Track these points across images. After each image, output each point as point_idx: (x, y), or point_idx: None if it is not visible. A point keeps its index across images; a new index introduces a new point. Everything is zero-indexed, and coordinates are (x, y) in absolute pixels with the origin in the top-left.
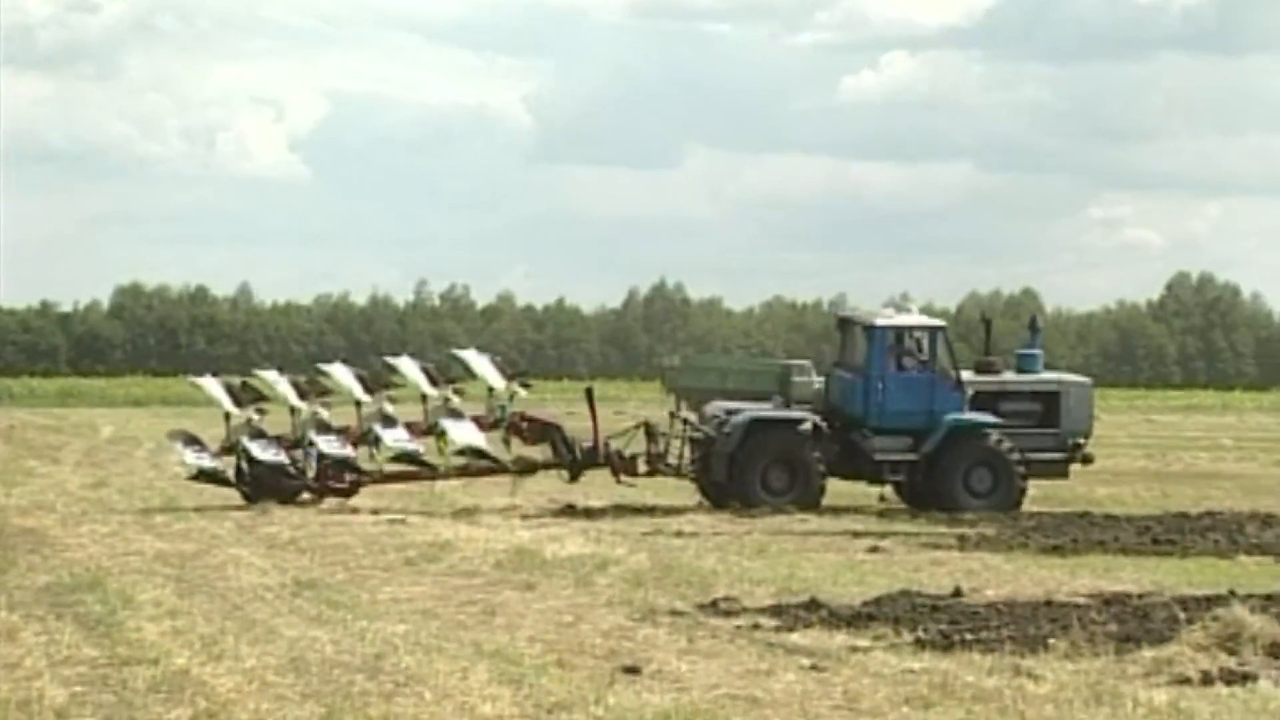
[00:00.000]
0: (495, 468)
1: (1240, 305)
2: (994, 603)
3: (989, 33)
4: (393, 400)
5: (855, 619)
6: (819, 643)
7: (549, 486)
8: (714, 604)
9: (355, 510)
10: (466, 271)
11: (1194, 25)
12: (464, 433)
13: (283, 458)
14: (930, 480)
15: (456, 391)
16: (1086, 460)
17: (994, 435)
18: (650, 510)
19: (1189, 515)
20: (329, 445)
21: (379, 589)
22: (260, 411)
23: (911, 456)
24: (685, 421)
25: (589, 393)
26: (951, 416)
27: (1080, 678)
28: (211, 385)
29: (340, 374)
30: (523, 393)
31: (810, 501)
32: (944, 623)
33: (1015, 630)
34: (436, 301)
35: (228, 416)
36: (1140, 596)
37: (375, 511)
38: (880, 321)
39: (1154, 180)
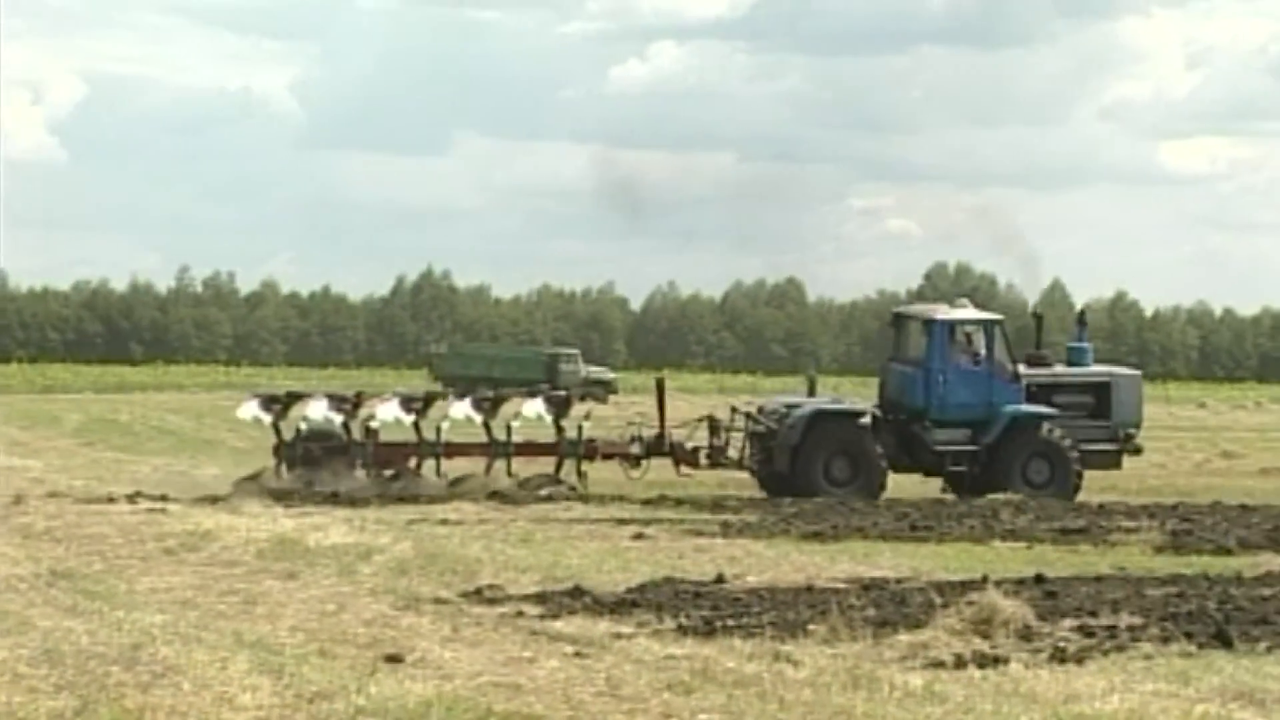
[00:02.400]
0: (555, 447)
1: (996, 295)
2: (755, 589)
3: (754, 24)
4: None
5: (619, 606)
6: (582, 630)
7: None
8: (478, 592)
9: (112, 499)
10: (230, 258)
11: (954, 19)
12: (534, 406)
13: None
14: (988, 471)
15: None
16: (1137, 451)
17: (1050, 426)
18: (415, 499)
19: (946, 501)
20: (388, 412)
21: (137, 579)
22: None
23: (972, 447)
24: (747, 415)
25: (659, 384)
26: (1010, 408)
27: (838, 662)
28: (252, 412)
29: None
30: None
31: (872, 492)
32: (706, 609)
33: (776, 616)
34: (199, 288)
35: (279, 433)
36: (898, 582)
37: (134, 499)
38: (940, 316)
39: (914, 171)
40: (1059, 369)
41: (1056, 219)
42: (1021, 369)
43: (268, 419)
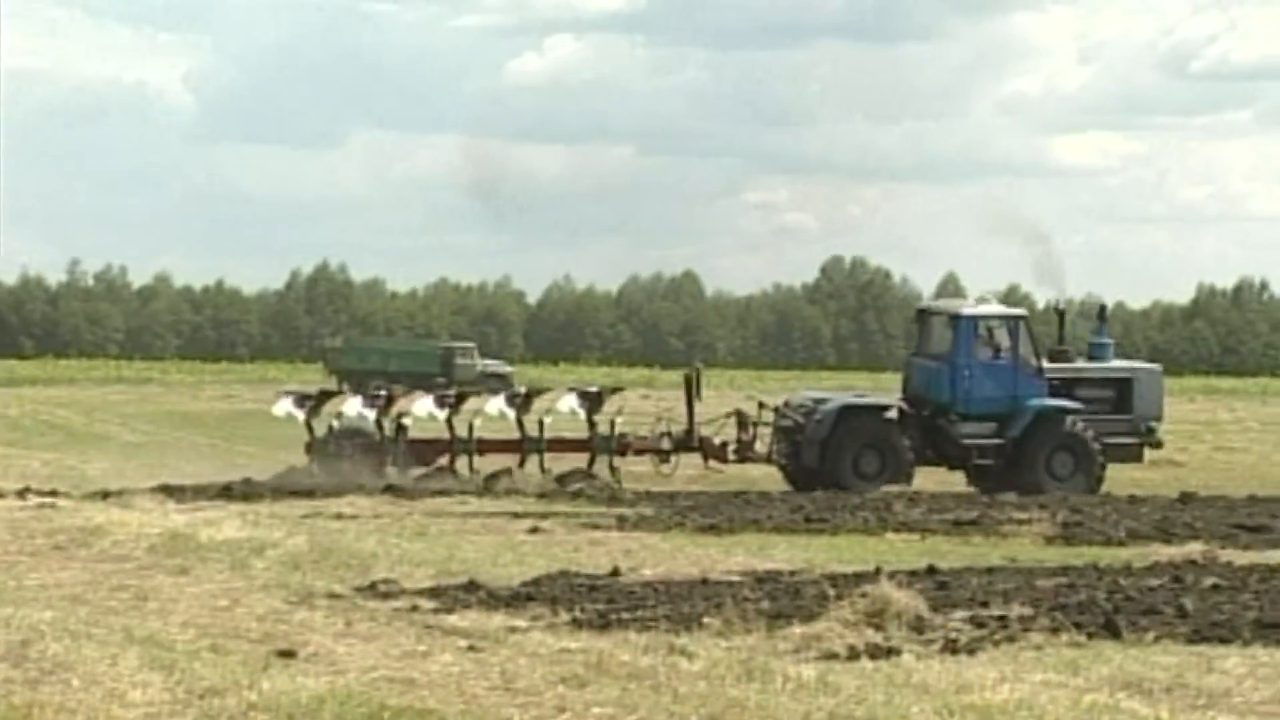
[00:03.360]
0: (588, 443)
1: (892, 288)
2: (650, 582)
3: (651, 17)
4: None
5: (513, 600)
6: (477, 624)
7: (202, 468)
8: (372, 586)
9: (1, 495)
10: (122, 251)
11: (851, 13)
12: (569, 402)
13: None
14: (1013, 464)
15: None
16: (1158, 444)
17: (1074, 420)
18: (310, 493)
19: (840, 494)
20: (422, 408)
21: (26, 575)
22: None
23: (998, 441)
24: (775, 410)
25: (688, 380)
26: (1035, 402)
27: (732, 654)
28: (286, 409)
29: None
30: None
31: (900, 485)
32: (601, 602)
33: (670, 609)
34: (90, 282)
35: (311, 430)
36: (792, 574)
37: (23, 495)
38: (966, 311)
39: (810, 165)
40: (1080, 364)
41: (952, 212)
42: (1044, 364)
43: (301, 416)
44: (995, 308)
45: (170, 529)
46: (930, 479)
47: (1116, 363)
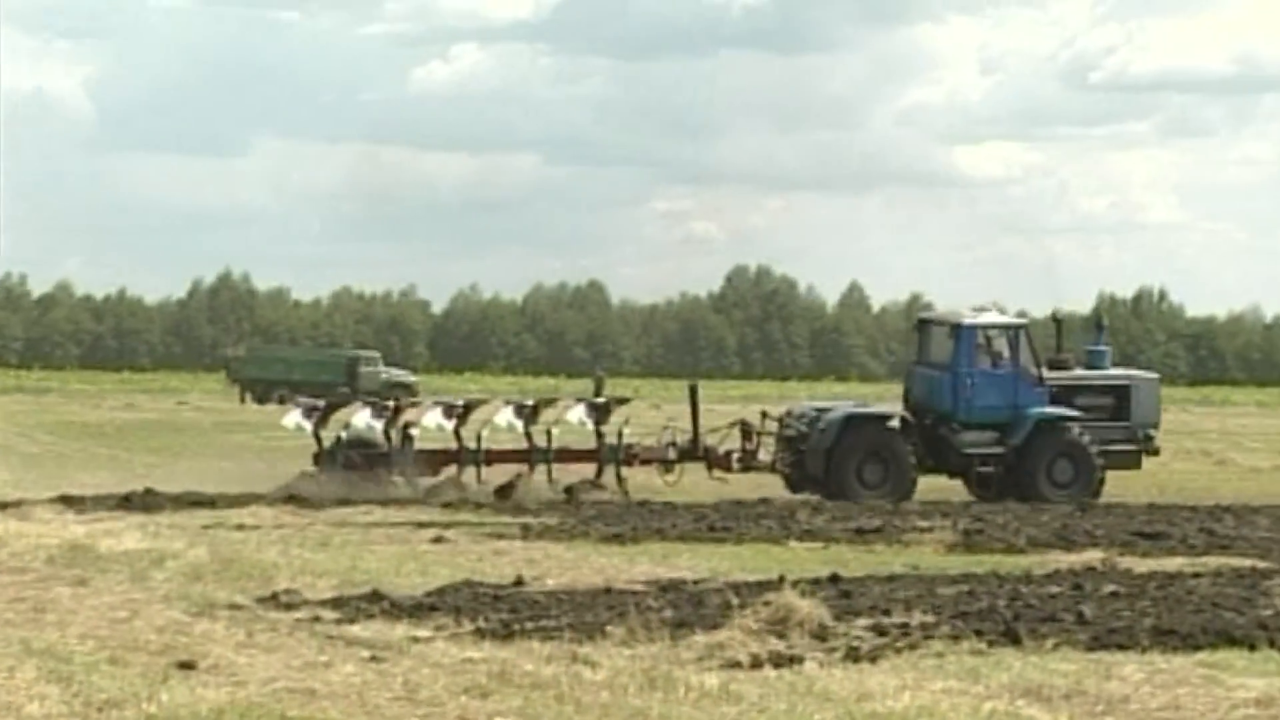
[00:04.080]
0: (595, 453)
1: (796, 298)
2: (554, 591)
3: (557, 27)
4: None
5: (417, 610)
6: (380, 634)
7: (103, 479)
8: (274, 597)
9: None
10: (22, 260)
11: (755, 24)
12: (578, 413)
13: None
14: (1014, 472)
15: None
16: (1155, 452)
17: (1074, 428)
18: (212, 503)
19: (744, 502)
20: (431, 419)
21: None
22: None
23: (999, 449)
24: (779, 420)
25: (693, 390)
26: (1036, 410)
27: (635, 663)
28: (295, 421)
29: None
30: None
31: (903, 494)
32: (505, 612)
33: (574, 618)
34: None
35: (319, 441)
36: (695, 583)
37: None
38: (968, 321)
39: (716, 175)
40: (1079, 372)
41: (855, 222)
42: (1044, 372)
43: (309, 427)
44: (996, 317)
45: (69, 540)
46: (929, 487)
47: (1114, 371)
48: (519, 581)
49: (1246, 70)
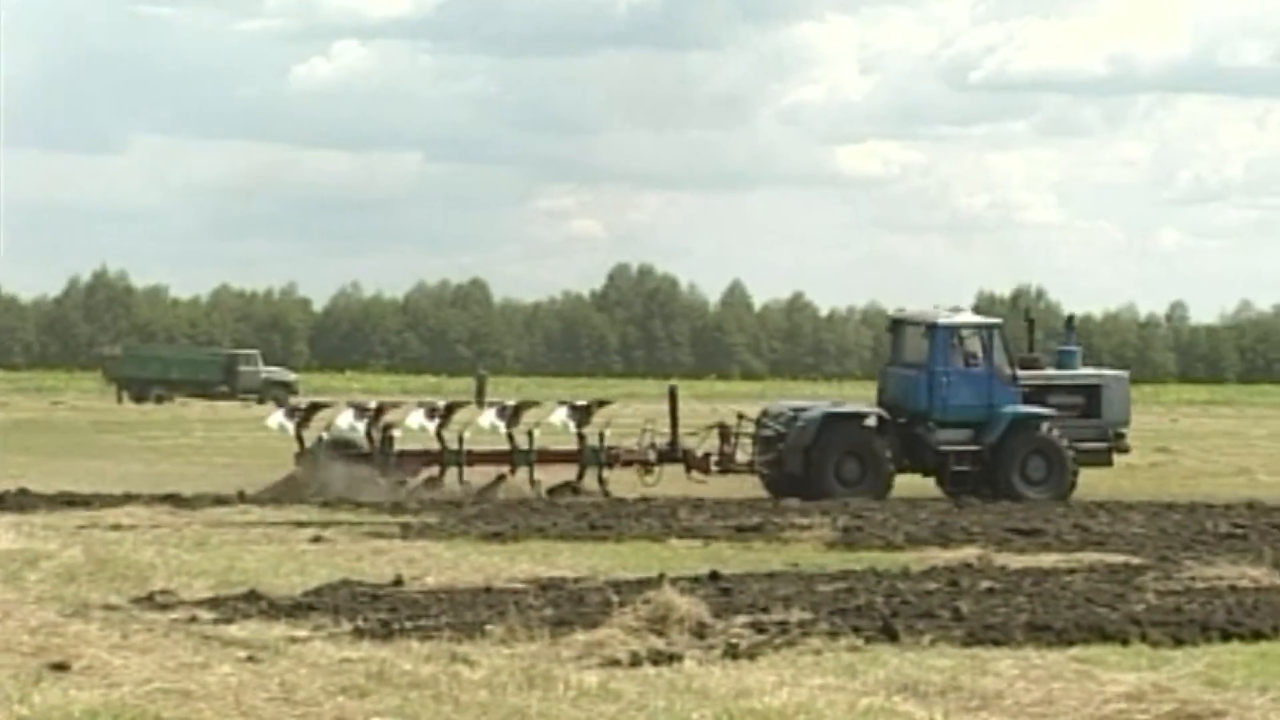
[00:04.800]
0: (577, 454)
1: (678, 296)
2: (434, 590)
3: (439, 24)
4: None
5: (295, 609)
6: (257, 634)
7: None
8: (150, 597)
9: None
10: None
11: (637, 22)
12: (560, 415)
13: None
14: (989, 470)
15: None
16: (1125, 450)
17: (1048, 427)
18: (87, 503)
19: (626, 501)
20: (415, 421)
21: None
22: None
23: (975, 447)
24: (756, 421)
25: (672, 392)
26: (1011, 409)
27: (515, 662)
28: (279, 421)
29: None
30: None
31: (880, 492)
32: (384, 611)
33: (454, 617)
34: None
35: (301, 442)
36: (576, 581)
37: None
38: (943, 320)
39: (598, 173)
40: (1050, 371)
41: (737, 220)
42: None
43: (291, 428)
44: (971, 317)
45: None
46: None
47: (1085, 370)
48: (398, 581)
49: (1122, 71)
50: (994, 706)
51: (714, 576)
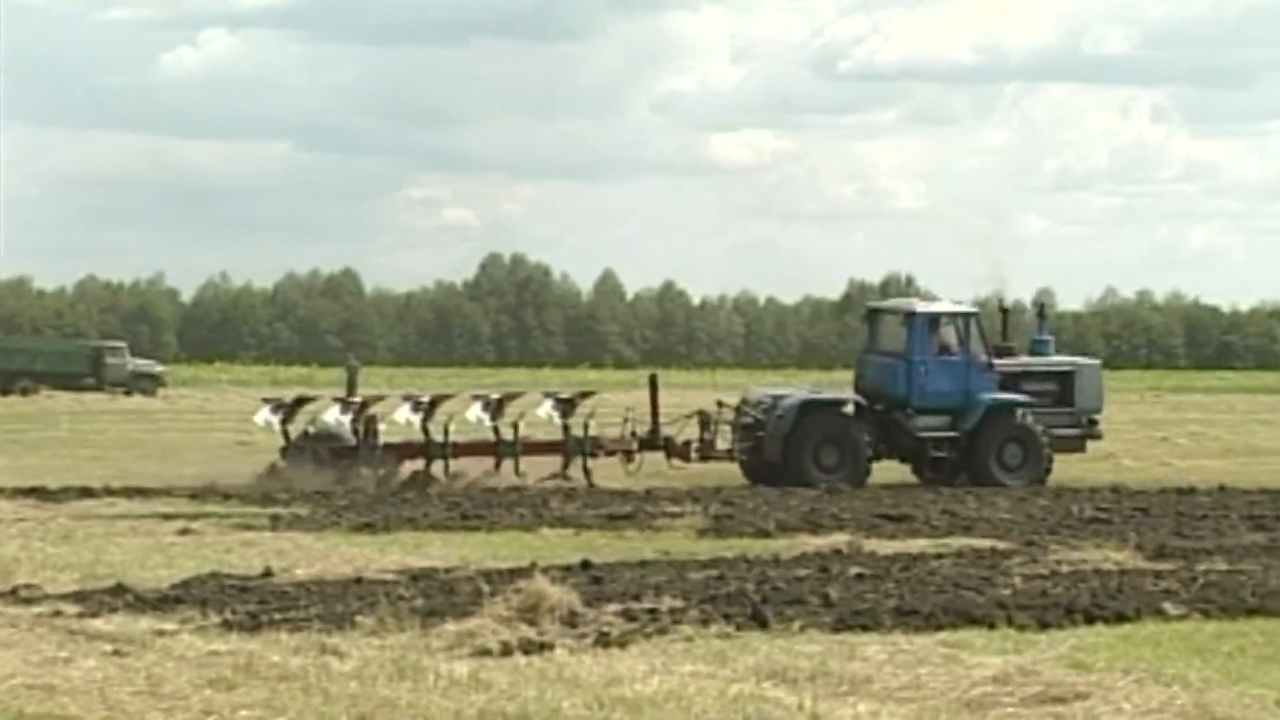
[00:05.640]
0: (562, 445)
1: (551, 285)
2: (303, 582)
3: (310, 13)
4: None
5: (161, 602)
6: (123, 628)
7: None
8: (13, 592)
9: None
10: None
11: (509, 12)
12: (544, 409)
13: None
14: (966, 457)
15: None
16: (1098, 436)
17: (1024, 413)
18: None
19: (497, 490)
20: (401, 415)
21: None
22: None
23: (953, 434)
24: (735, 409)
25: (652, 380)
26: (987, 396)
27: (385, 653)
28: (265, 417)
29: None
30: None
31: (858, 479)
32: (253, 603)
33: (324, 609)
34: None
35: (286, 437)
36: (447, 571)
37: None
38: (921, 308)
39: (471, 163)
40: (1024, 359)
41: (610, 209)
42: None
43: (276, 423)
44: (947, 305)
45: None
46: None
47: (1058, 358)
48: (267, 573)
49: (988, 60)
50: (862, 691)
51: (586, 565)
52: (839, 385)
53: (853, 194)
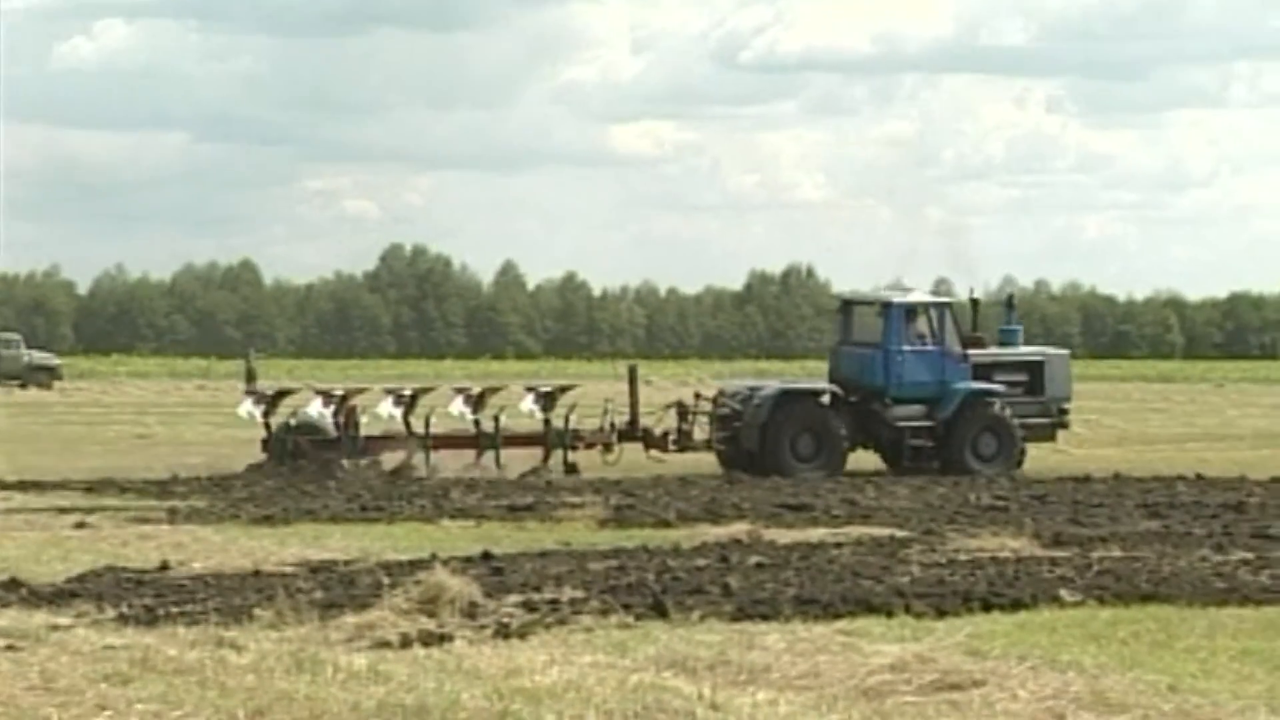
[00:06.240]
0: (542, 438)
1: (451, 276)
2: (201, 575)
3: (206, 3)
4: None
5: (57, 597)
6: (16, 622)
7: None
8: None
9: None
10: None
11: (409, 2)
12: (526, 403)
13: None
14: (941, 446)
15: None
16: (1066, 425)
17: (998, 403)
18: None
19: (398, 482)
20: (384, 409)
21: None
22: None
23: (929, 423)
24: (712, 400)
25: (631, 372)
26: (962, 385)
27: (283, 646)
28: (248, 409)
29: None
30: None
31: (835, 467)
32: (149, 597)
33: (221, 602)
34: None
35: (268, 428)
36: (346, 563)
37: None
38: (897, 299)
39: (370, 153)
40: (994, 349)
41: (510, 200)
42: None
43: (259, 415)
44: (922, 296)
45: None
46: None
47: (1027, 348)
48: (164, 566)
49: (887, 51)
50: (761, 680)
51: (486, 556)
52: (742, 374)
53: (754, 185)
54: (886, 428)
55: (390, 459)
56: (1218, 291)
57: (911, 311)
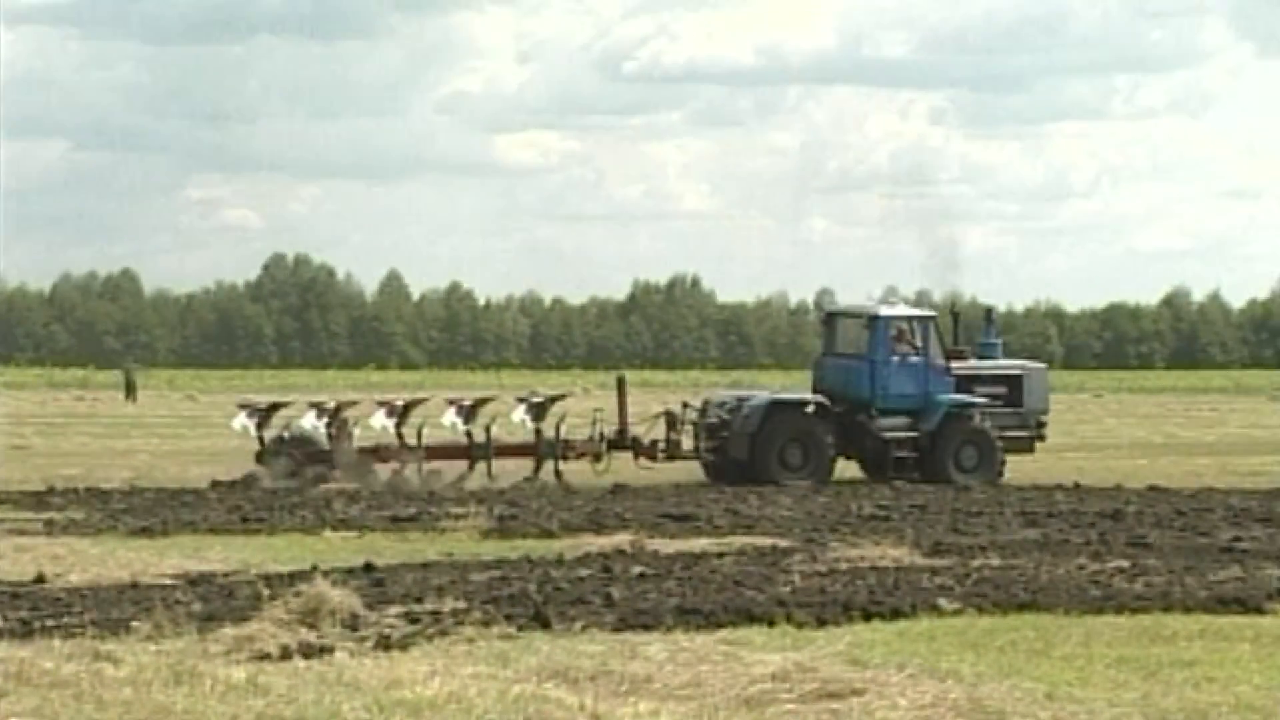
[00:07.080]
0: (534, 448)
1: (335, 286)
2: (78, 587)
3: (84, 10)
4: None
5: None
6: None
7: None
8: None
9: None
10: None
11: (291, 10)
12: (517, 414)
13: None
14: (925, 457)
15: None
16: (1044, 438)
17: (979, 415)
18: None
19: (279, 492)
20: (377, 421)
21: None
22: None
23: (914, 435)
24: (699, 409)
25: (620, 382)
26: (945, 397)
27: (161, 659)
28: (241, 423)
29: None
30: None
31: (822, 478)
32: (24, 610)
33: (99, 614)
34: None
35: (262, 442)
36: (226, 575)
37: None
38: (883, 312)
39: (253, 162)
40: (974, 362)
41: (394, 210)
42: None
43: (252, 428)
44: (907, 309)
45: None
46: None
47: (1006, 361)
48: (40, 578)
49: (771, 62)
50: (643, 690)
51: (368, 568)
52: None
53: (639, 195)
54: (872, 439)
55: (384, 470)
56: (1097, 302)
57: (896, 324)
